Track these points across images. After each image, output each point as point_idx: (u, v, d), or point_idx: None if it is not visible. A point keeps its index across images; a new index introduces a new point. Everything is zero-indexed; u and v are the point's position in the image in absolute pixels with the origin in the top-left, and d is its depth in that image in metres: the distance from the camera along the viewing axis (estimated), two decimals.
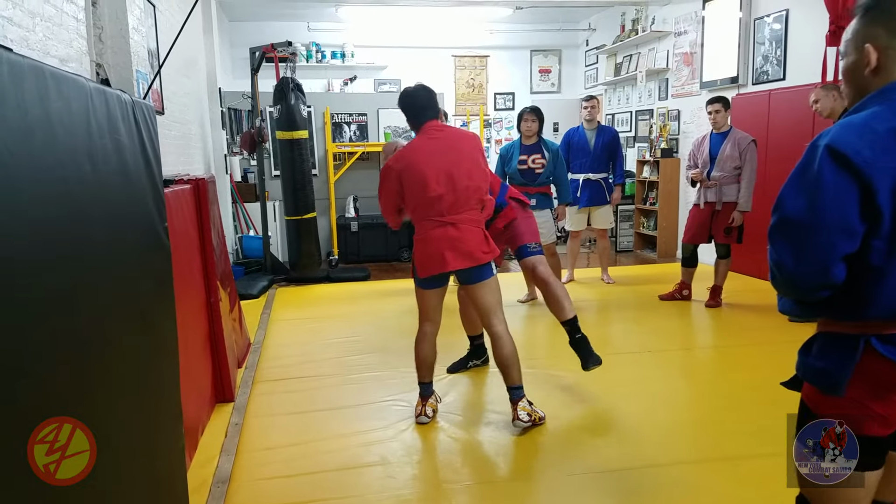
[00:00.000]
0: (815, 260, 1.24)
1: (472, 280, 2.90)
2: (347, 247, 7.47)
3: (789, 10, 5.67)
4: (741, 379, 3.60)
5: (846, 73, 1.38)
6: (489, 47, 9.70)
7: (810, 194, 1.24)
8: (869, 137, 1.21)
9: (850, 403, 1.29)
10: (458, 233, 2.82)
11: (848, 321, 1.28)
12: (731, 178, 4.94)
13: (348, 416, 3.18)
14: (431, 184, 2.79)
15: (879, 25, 1.30)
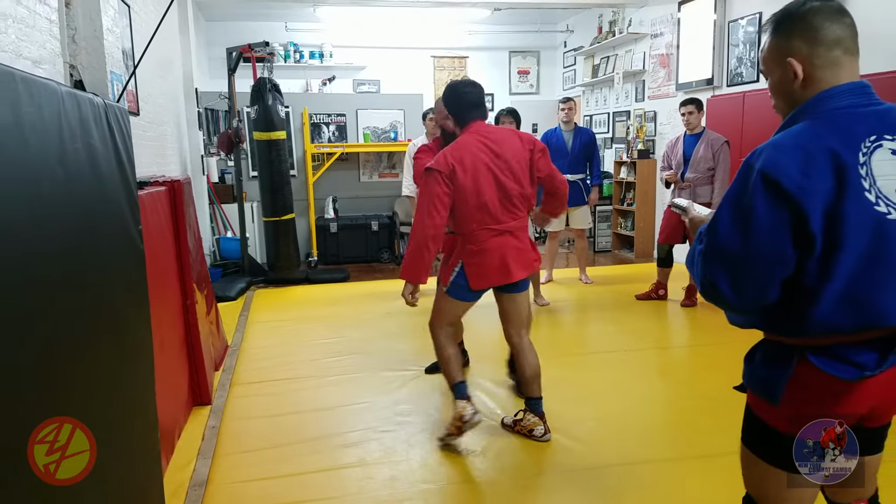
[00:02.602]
0: (751, 288, 1.26)
1: (517, 289, 2.83)
2: (327, 248, 7.44)
3: (762, 12, 5.76)
4: (715, 378, 3.66)
5: (774, 88, 1.38)
6: (468, 48, 9.73)
7: (744, 225, 1.24)
8: (800, 159, 1.20)
9: (788, 410, 1.32)
10: (517, 241, 2.75)
11: (788, 336, 1.32)
12: (704, 179, 5.02)
13: (326, 419, 3.18)
14: (486, 191, 2.65)
15: (796, 37, 1.30)
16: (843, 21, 1.29)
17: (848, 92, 1.28)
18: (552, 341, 4.58)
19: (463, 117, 2.77)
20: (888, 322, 1.22)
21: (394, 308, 5.01)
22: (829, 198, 1.19)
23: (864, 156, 1.22)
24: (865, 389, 1.28)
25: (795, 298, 1.26)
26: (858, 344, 1.26)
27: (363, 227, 7.48)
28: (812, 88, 1.30)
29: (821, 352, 1.27)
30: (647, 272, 6.15)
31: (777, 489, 1.39)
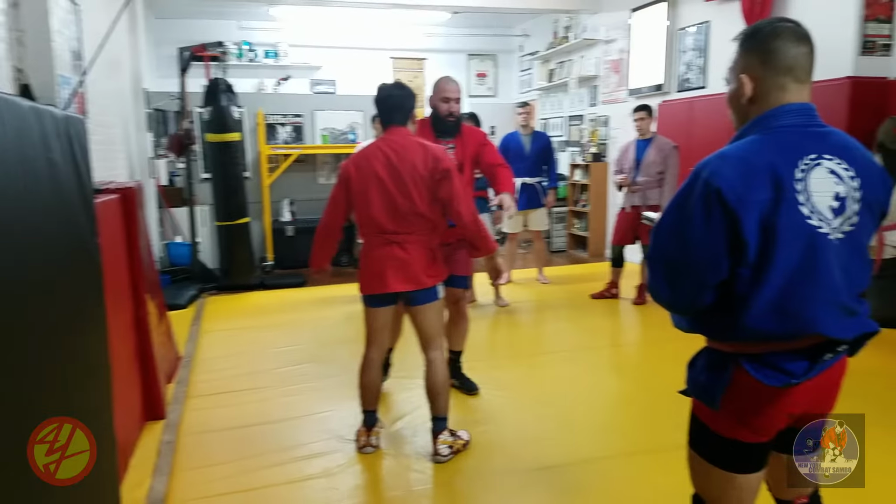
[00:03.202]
0: (687, 291, 1.33)
1: (415, 302, 2.74)
2: (283, 252, 7.32)
3: (710, 21, 5.94)
4: (668, 373, 3.75)
5: (729, 99, 1.44)
6: (427, 50, 9.73)
7: (684, 230, 1.31)
8: (742, 171, 1.27)
9: (727, 415, 1.39)
10: (403, 253, 2.66)
11: (724, 342, 1.38)
12: (654, 183, 5.17)
13: (288, 429, 3.15)
14: (374, 200, 2.64)
15: (755, 57, 1.36)
16: (801, 49, 1.35)
17: (794, 112, 1.35)
18: (512, 342, 4.65)
19: (383, 120, 2.72)
20: (816, 330, 1.29)
21: (354, 312, 4.96)
22: (766, 209, 1.26)
23: (803, 172, 1.29)
24: (797, 394, 1.35)
25: (730, 304, 1.32)
26: (789, 352, 1.32)
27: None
28: (758, 106, 1.37)
29: (754, 359, 1.33)
30: (600, 271, 6.27)
31: (720, 488, 1.45)
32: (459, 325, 3.47)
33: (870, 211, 1.35)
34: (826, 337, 1.31)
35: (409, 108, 2.72)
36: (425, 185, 2.62)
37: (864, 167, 1.35)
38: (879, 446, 2.77)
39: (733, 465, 1.42)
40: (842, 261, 1.31)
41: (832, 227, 1.30)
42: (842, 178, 1.32)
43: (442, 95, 3.13)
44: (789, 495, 1.56)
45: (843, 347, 1.34)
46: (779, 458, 1.50)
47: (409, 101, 2.72)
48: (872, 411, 3.11)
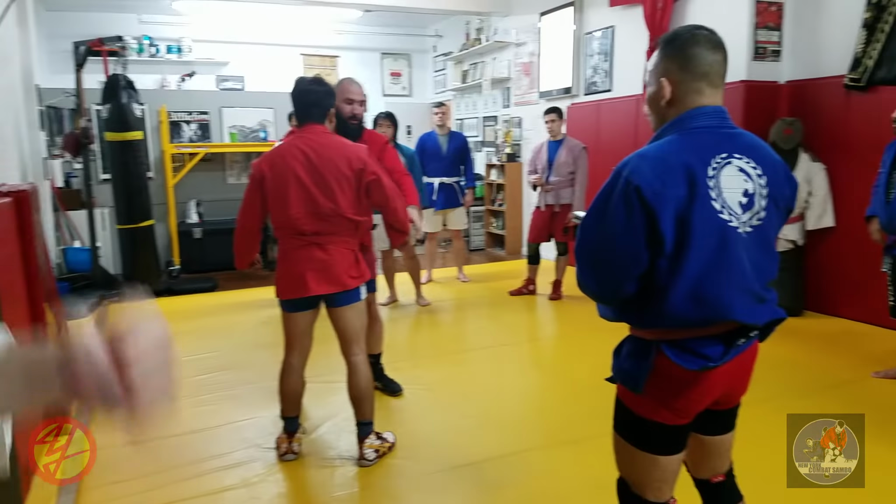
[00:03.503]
0: (610, 282, 1.42)
1: (337, 303, 2.66)
2: (190, 255, 7.02)
3: (615, 26, 6.19)
4: (583, 365, 3.91)
5: (649, 101, 1.51)
6: (339, 48, 9.60)
7: (608, 227, 1.39)
8: (661, 169, 1.35)
9: (651, 399, 1.46)
10: (324, 255, 2.57)
11: (647, 329, 1.46)
12: (566, 183, 5.34)
13: (203, 440, 3.02)
14: (292, 201, 2.52)
15: (674, 62, 1.43)
16: (716, 56, 1.43)
17: (708, 114, 1.44)
18: (434, 341, 4.67)
19: (300, 117, 2.61)
20: (730, 316, 1.38)
21: (270, 317, 4.84)
22: (681, 204, 1.34)
23: (714, 170, 1.38)
24: (714, 377, 1.44)
25: (651, 294, 1.40)
26: (706, 338, 1.41)
27: (231, 231, 7.04)
28: (676, 109, 1.45)
29: (674, 345, 1.41)
30: (518, 269, 6.40)
31: (644, 470, 1.53)
32: (373, 327, 3.39)
33: (776, 207, 1.45)
34: (739, 323, 1.40)
35: (328, 106, 2.63)
36: (350, 186, 2.56)
37: (771, 166, 1.46)
38: (778, 428, 2.99)
39: (657, 447, 1.49)
40: (751, 253, 1.40)
41: (741, 221, 1.39)
42: (750, 175, 1.41)
43: (345, 97, 3.00)
44: (706, 474, 1.65)
45: (754, 333, 1.44)
46: (697, 438, 1.58)
47: (327, 98, 2.63)
48: (776, 395, 3.36)
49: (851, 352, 3.98)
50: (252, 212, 2.67)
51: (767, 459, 2.67)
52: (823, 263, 4.79)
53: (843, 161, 4.58)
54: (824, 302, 4.80)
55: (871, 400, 3.26)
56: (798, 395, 3.34)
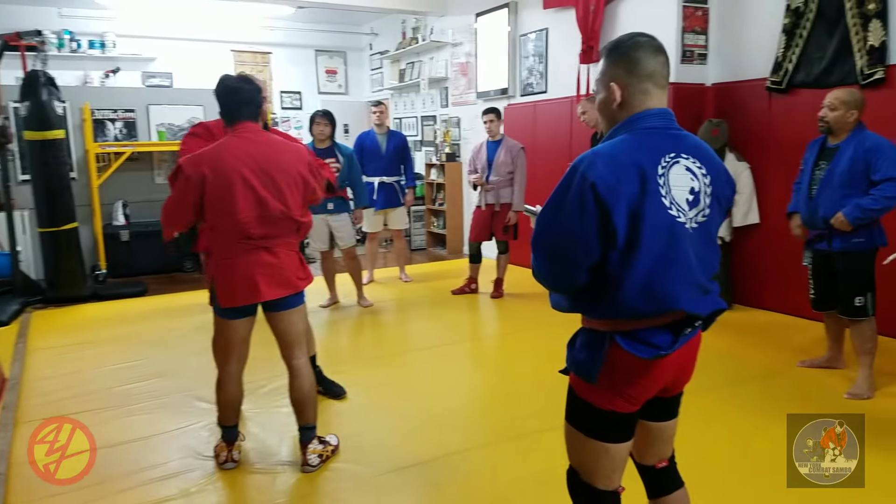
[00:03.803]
0: (564, 272, 1.48)
1: (283, 307, 2.58)
2: (118, 259, 6.71)
3: (548, 28, 6.30)
4: (525, 362, 3.97)
5: (600, 107, 1.59)
6: (272, 44, 9.41)
7: (563, 220, 1.44)
8: (614, 167, 1.41)
9: (605, 388, 1.52)
10: (273, 258, 2.49)
11: (600, 319, 1.52)
12: (505, 182, 5.40)
13: (137, 451, 2.90)
14: (240, 203, 2.39)
15: (620, 67, 1.51)
16: (658, 59, 1.52)
17: (656, 116, 1.51)
18: (377, 342, 4.64)
19: (231, 116, 2.49)
20: (678, 306, 1.45)
21: (204, 322, 4.67)
22: (633, 200, 1.40)
23: (664, 168, 1.45)
24: (664, 365, 1.51)
25: (604, 285, 1.46)
26: (656, 328, 1.48)
27: (160, 233, 6.78)
28: (626, 111, 1.52)
29: (626, 335, 1.48)
30: (459, 267, 6.44)
31: (596, 459, 1.58)
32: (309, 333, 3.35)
33: (718, 204, 1.55)
34: (686, 313, 1.47)
35: (259, 103, 2.55)
36: (297, 186, 2.50)
37: (714, 166, 1.55)
38: (721, 416, 3.12)
39: (608, 435, 1.55)
40: (696, 247, 1.49)
41: (688, 217, 1.47)
42: (696, 175, 1.50)
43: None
44: (651, 460, 1.71)
45: (699, 323, 1.52)
46: (644, 425, 1.64)
47: (258, 96, 2.54)
48: (712, 385, 3.49)
49: (778, 343, 4.17)
50: (183, 213, 2.49)
51: (707, 445, 2.79)
52: (750, 259, 5.01)
53: (765, 160, 4.82)
54: (751, 295, 5.02)
55: (798, 388, 3.44)
56: (731, 385, 3.49)
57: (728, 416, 3.12)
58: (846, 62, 4.22)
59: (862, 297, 3.22)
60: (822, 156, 3.37)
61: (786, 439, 2.80)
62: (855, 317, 3.26)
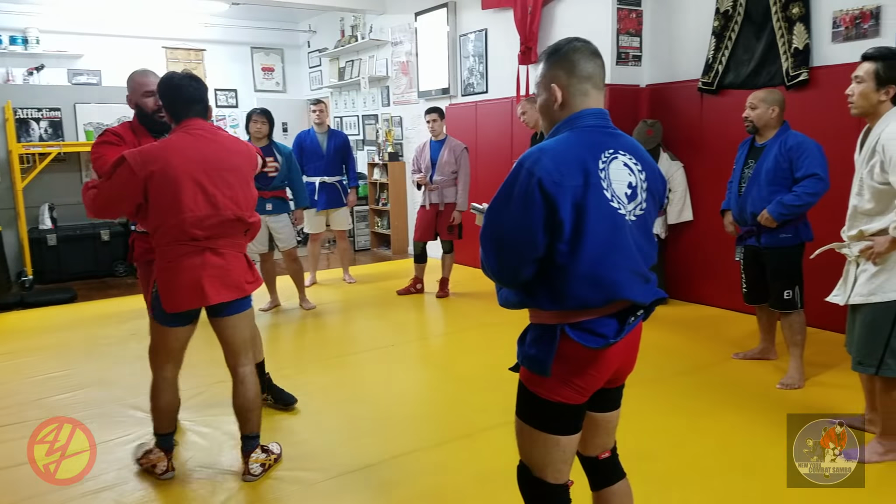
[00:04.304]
0: (511, 265, 1.52)
1: (230, 311, 2.51)
2: (45, 264, 6.42)
3: (488, 29, 6.35)
4: (471, 360, 3.99)
5: (541, 108, 1.65)
6: (205, 41, 9.15)
7: (510, 214, 1.49)
8: (558, 161, 1.47)
9: (556, 380, 1.56)
10: (220, 260, 2.41)
11: (551, 311, 1.56)
12: (449, 182, 5.42)
13: (69, 464, 2.74)
14: (187, 202, 2.31)
15: (560, 69, 1.58)
16: (595, 62, 1.60)
17: (594, 115, 1.59)
18: (321, 345, 4.57)
19: (179, 113, 2.42)
20: (623, 295, 1.51)
21: (137, 328, 4.52)
22: (578, 193, 1.46)
23: (604, 163, 1.53)
24: (611, 354, 1.56)
25: (554, 276, 1.51)
26: (603, 318, 1.54)
27: (90, 237, 6.61)
28: (566, 111, 1.59)
29: (575, 327, 1.53)
30: (405, 268, 6.42)
31: (546, 452, 1.61)
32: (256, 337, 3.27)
33: (653, 199, 1.63)
34: (630, 302, 1.54)
35: (207, 102, 2.50)
36: (248, 185, 2.46)
37: (647, 163, 1.63)
38: (660, 408, 3.21)
39: (559, 427, 1.59)
40: (636, 238, 1.56)
41: (627, 210, 1.55)
42: (633, 170, 1.58)
43: (143, 90, 2.77)
44: (594, 451, 1.75)
45: (640, 312, 1.58)
46: (589, 416, 1.68)
47: (206, 94, 2.50)
48: (651, 378, 3.59)
49: (713, 336, 4.33)
50: (119, 206, 2.40)
51: (648, 437, 2.87)
52: (684, 255, 5.19)
53: (698, 159, 4.99)
54: (686, 290, 5.20)
55: (733, 379, 3.57)
56: (668, 378, 3.60)
57: (666, 407, 3.22)
58: (773, 64, 4.42)
59: (790, 291, 3.38)
60: (750, 154, 3.52)
61: (721, 429, 2.95)
62: (784, 309, 3.42)
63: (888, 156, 2.37)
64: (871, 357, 2.52)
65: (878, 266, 2.48)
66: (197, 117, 2.44)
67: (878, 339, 2.50)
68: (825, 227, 3.38)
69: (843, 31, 4.05)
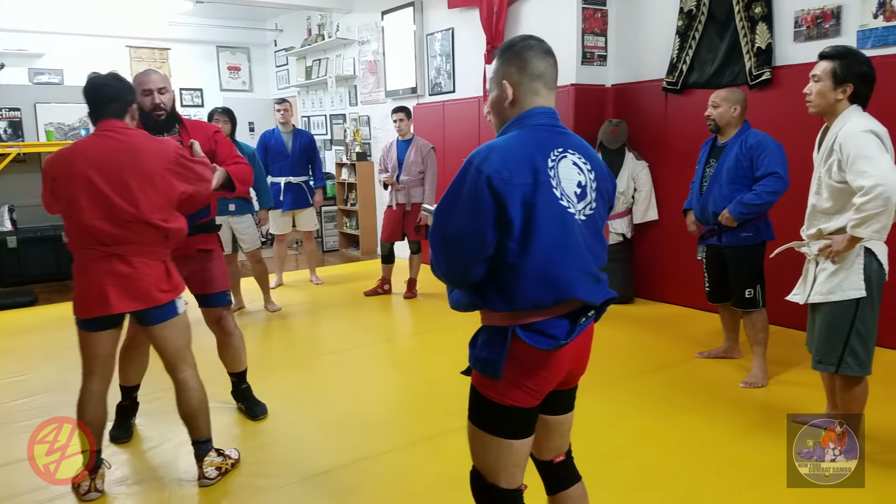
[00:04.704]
0: (459, 265, 1.50)
1: (151, 321, 2.40)
2: (4, 267, 6.25)
3: (454, 28, 6.33)
4: (439, 362, 3.96)
5: (492, 105, 1.63)
6: (170, 40, 9.02)
7: (459, 213, 1.47)
8: (507, 159, 1.46)
9: (507, 383, 1.54)
10: (127, 267, 2.30)
11: (502, 312, 1.54)
12: (416, 182, 5.39)
13: (22, 473, 2.67)
14: (84, 204, 2.24)
15: (512, 66, 1.56)
16: (548, 60, 1.59)
17: (544, 114, 1.58)
18: (285, 347, 4.51)
19: (95, 113, 2.36)
20: (573, 295, 1.50)
21: None
22: (527, 191, 1.45)
23: (553, 162, 1.52)
24: (563, 356, 1.55)
25: (504, 275, 1.49)
26: (554, 318, 1.52)
27: (52, 239, 6.44)
28: (517, 108, 1.58)
29: (526, 328, 1.51)
30: (373, 269, 6.37)
31: (499, 456, 1.59)
32: (231, 344, 3.17)
33: (602, 200, 1.62)
34: (581, 302, 1.53)
35: (128, 102, 2.40)
36: (155, 187, 2.32)
37: (597, 164, 1.62)
38: (625, 408, 3.22)
39: (512, 431, 1.57)
40: (586, 238, 1.55)
41: (577, 209, 1.54)
42: (582, 170, 1.57)
43: (141, 88, 2.75)
44: (549, 455, 1.73)
45: (591, 312, 1.56)
46: (542, 420, 1.66)
47: (127, 93, 2.39)
48: (616, 377, 3.60)
49: (677, 334, 4.36)
50: (47, 206, 2.43)
51: (614, 437, 2.87)
52: (650, 254, 5.23)
53: (663, 158, 5.03)
54: (652, 289, 5.24)
55: (697, 378, 3.59)
56: (633, 377, 3.61)
57: (631, 407, 3.22)
58: (736, 63, 4.47)
59: (752, 290, 3.40)
60: (712, 154, 3.55)
61: (685, 428, 2.96)
62: (746, 308, 3.44)
63: (845, 154, 2.39)
64: (830, 356, 2.53)
65: (837, 264, 2.50)
66: (113, 118, 2.36)
67: (837, 337, 2.51)
68: (786, 226, 3.43)
69: (805, 31, 4.11)
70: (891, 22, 3.70)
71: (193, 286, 2.98)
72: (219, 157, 2.92)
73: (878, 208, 2.27)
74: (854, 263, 2.47)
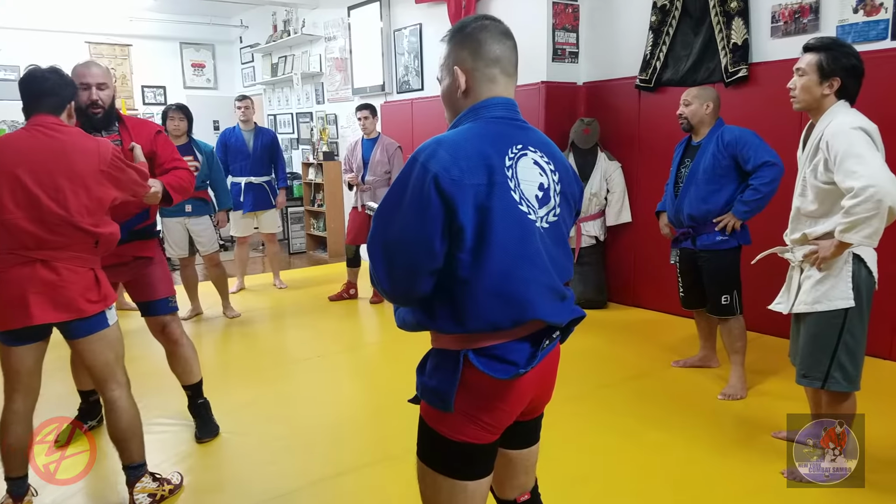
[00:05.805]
0: (403, 277, 1.28)
1: (77, 333, 2.22)
2: None
3: (422, 24, 6.14)
4: (402, 372, 3.70)
5: (444, 95, 1.43)
6: (132, 36, 8.72)
7: (402, 216, 1.26)
8: (458, 156, 1.25)
9: (461, 417, 1.33)
10: (51, 274, 2.12)
11: (453, 334, 1.32)
12: (382, 182, 5.18)
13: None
14: (7, 202, 2.07)
15: (465, 49, 1.37)
16: (505, 43, 1.38)
17: (501, 105, 1.37)
18: (243, 356, 4.27)
19: (29, 107, 2.21)
20: (535, 315, 1.29)
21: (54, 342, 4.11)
22: (480, 193, 1.25)
23: (511, 160, 1.30)
24: (523, 385, 1.34)
25: (455, 292, 1.28)
26: (513, 343, 1.31)
27: None
28: (471, 98, 1.38)
29: (481, 353, 1.30)
30: (340, 272, 6.15)
31: (451, 499, 1.38)
32: (179, 354, 2.92)
33: (567, 204, 1.41)
34: (544, 323, 1.32)
35: (67, 97, 2.22)
36: (86, 188, 2.13)
37: (561, 163, 1.42)
38: (596, 424, 3.04)
39: (466, 472, 1.36)
40: (549, 249, 1.34)
41: (538, 215, 1.33)
42: (544, 170, 1.36)
43: (78, 82, 2.52)
44: (512, 494, 1.54)
45: (556, 334, 1.36)
46: (503, 455, 1.47)
47: (66, 89, 2.23)
48: (588, 388, 3.42)
49: (652, 342, 4.18)
50: None
51: (584, 457, 2.69)
52: (623, 257, 5.08)
53: (636, 158, 4.89)
54: (625, 294, 5.10)
55: (672, 390, 3.41)
56: (604, 388, 3.43)
57: (602, 423, 3.03)
58: (711, 60, 4.33)
59: (728, 296, 3.24)
60: (686, 154, 3.40)
61: (661, 445, 2.79)
62: (723, 315, 3.28)
63: (832, 153, 2.19)
64: (816, 370, 2.33)
65: (824, 272, 2.31)
66: (47, 113, 2.18)
67: (823, 350, 2.32)
68: (764, 230, 3.29)
69: (783, 26, 3.98)
70: (871, 17, 3.59)
71: (134, 293, 2.82)
72: (158, 160, 2.70)
73: (869, 211, 2.08)
74: (842, 271, 2.29)
